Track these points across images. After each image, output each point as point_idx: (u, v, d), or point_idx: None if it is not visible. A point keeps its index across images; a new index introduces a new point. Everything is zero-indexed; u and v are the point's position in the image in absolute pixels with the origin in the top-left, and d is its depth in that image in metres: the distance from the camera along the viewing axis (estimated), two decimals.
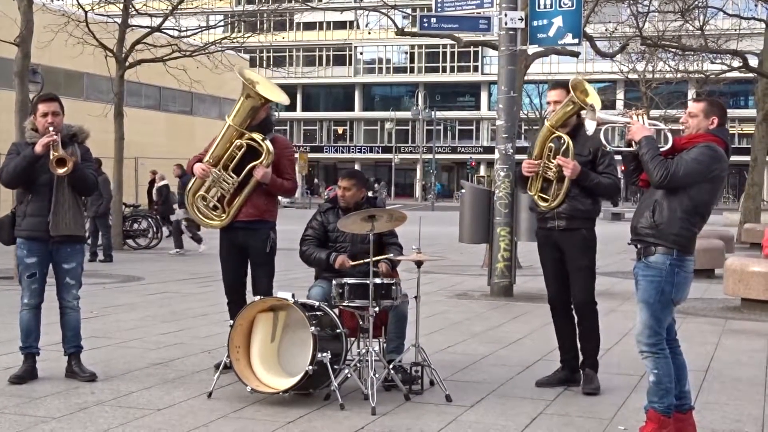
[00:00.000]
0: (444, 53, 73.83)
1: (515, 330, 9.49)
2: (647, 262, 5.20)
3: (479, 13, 13.20)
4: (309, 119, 79.40)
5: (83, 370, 6.71)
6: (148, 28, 21.40)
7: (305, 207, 50.59)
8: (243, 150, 6.78)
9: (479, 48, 52.60)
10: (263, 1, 28.80)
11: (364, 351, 6.39)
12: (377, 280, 6.33)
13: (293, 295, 6.22)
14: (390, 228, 6.80)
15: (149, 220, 21.06)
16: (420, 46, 73.83)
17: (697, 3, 23.91)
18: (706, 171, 5.11)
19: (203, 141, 7.11)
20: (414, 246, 6.58)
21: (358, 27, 67.10)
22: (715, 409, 6.18)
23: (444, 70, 75.28)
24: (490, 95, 70.88)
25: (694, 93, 35.58)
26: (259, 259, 6.98)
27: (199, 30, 23.32)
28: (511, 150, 12.14)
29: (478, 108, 74.55)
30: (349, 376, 6.31)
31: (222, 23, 34.35)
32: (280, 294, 6.29)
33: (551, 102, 6.75)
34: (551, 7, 12.16)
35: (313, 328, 5.99)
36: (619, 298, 12.11)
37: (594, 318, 6.68)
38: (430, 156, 65.26)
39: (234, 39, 24.32)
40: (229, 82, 29.45)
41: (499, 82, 12.46)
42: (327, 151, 78.32)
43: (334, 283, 6.46)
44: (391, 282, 6.42)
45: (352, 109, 78.20)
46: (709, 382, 7.02)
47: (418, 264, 6.60)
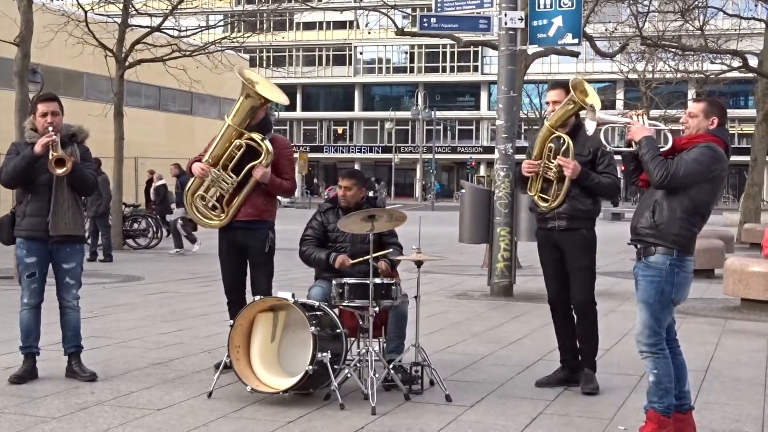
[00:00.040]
0: (444, 53, 73.82)
1: (515, 330, 9.49)
2: (647, 262, 5.20)
3: (479, 13, 13.19)
4: (309, 119, 79.40)
5: (83, 370, 6.71)
6: (147, 27, 21.40)
7: (305, 207, 50.61)
8: (242, 150, 6.78)
9: (479, 48, 52.58)
10: (263, 0, 28.79)
11: (364, 351, 6.39)
12: (377, 280, 6.33)
13: (293, 295, 6.22)
14: (390, 228, 6.80)
15: (149, 219, 21.07)
16: (420, 46, 73.82)
17: (697, 3, 23.91)
18: (706, 171, 5.12)
19: (203, 141, 7.11)
20: (414, 246, 6.58)
21: (357, 27, 67.10)
22: (715, 409, 6.18)
23: (444, 70, 75.27)
24: (490, 95, 70.87)
25: (694, 93, 35.59)
26: (258, 259, 6.98)
27: (199, 30, 23.32)
28: (511, 150, 12.14)
29: (478, 108, 74.54)
30: (349, 376, 6.30)
31: (222, 23, 34.36)
32: (280, 294, 6.29)
33: (550, 102, 6.75)
34: (551, 7, 12.16)
35: (313, 328, 5.99)
36: (618, 298, 12.11)
37: (594, 318, 6.69)
38: (430, 156, 65.27)
39: (234, 39, 24.34)
40: (229, 81, 29.45)
41: (499, 82, 12.46)
42: (327, 151, 78.31)
43: (334, 283, 6.45)
44: (391, 282, 6.41)
45: (352, 109, 78.19)
46: (708, 382, 7.02)
47: (418, 264, 6.60)
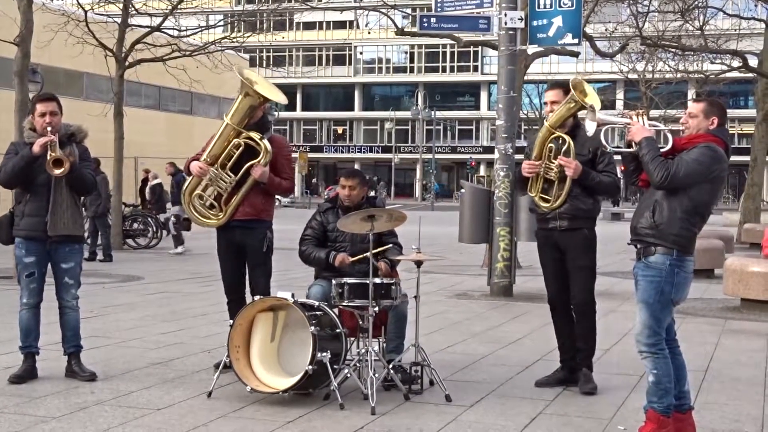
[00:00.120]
0: (444, 53, 73.81)
1: (515, 330, 9.49)
2: (647, 262, 5.20)
3: (479, 12, 13.19)
4: (309, 119, 79.39)
5: (83, 370, 6.71)
6: (147, 27, 21.40)
7: (305, 207, 50.60)
8: (241, 149, 6.78)
9: (479, 48, 52.57)
10: (263, 0, 28.78)
11: (363, 351, 6.39)
12: (377, 280, 6.32)
13: (293, 295, 6.22)
14: (390, 228, 6.80)
15: (149, 219, 21.06)
16: (420, 46, 73.81)
17: (697, 3, 23.92)
18: (706, 171, 5.12)
19: (203, 140, 7.11)
20: (414, 246, 6.58)
21: (357, 27, 67.07)
22: (715, 409, 6.18)
23: (444, 70, 75.26)
24: (490, 95, 70.86)
25: (694, 93, 35.60)
26: (256, 258, 6.98)
27: (199, 30, 23.32)
28: (511, 150, 12.14)
29: (477, 108, 74.54)
30: (348, 375, 6.30)
31: (222, 23, 34.34)
32: (280, 294, 6.28)
33: (549, 102, 6.75)
34: (551, 6, 12.16)
35: (312, 328, 5.99)
36: (618, 298, 12.11)
37: (593, 318, 6.69)
38: (430, 156, 65.28)
39: (234, 39, 24.34)
40: (229, 81, 29.40)
41: (499, 82, 12.46)
42: (327, 151, 78.31)
43: (333, 282, 6.45)
44: (391, 282, 6.41)
45: (352, 109, 78.18)
46: (708, 382, 7.02)
47: (418, 264, 6.60)
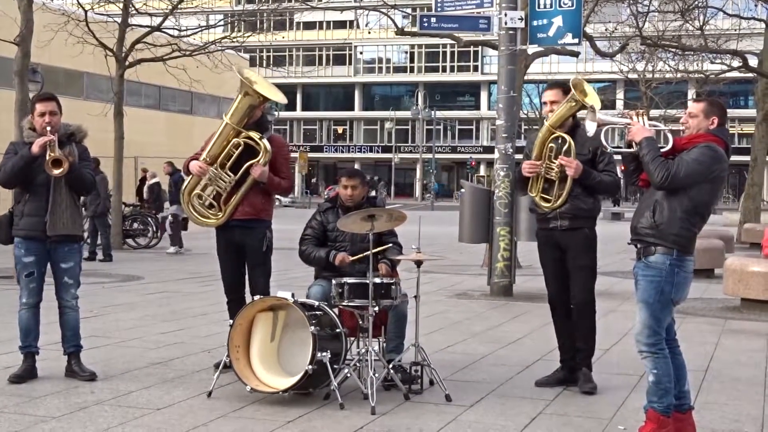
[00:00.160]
0: (444, 53, 73.81)
1: (515, 330, 9.49)
2: (647, 262, 5.20)
3: (479, 12, 13.19)
4: (309, 119, 79.39)
5: (83, 370, 6.71)
6: (147, 27, 21.40)
7: (305, 207, 50.61)
8: (240, 148, 6.78)
9: (479, 48, 52.52)
10: (263, 0, 28.78)
11: (363, 350, 6.39)
12: (377, 280, 6.32)
13: (293, 295, 6.22)
14: (390, 228, 6.80)
15: (149, 219, 21.06)
16: (420, 46, 73.81)
17: (697, 3, 23.92)
18: (706, 171, 5.11)
19: (203, 140, 7.11)
20: (414, 246, 6.58)
21: (358, 26, 67.03)
22: (715, 409, 6.18)
23: (444, 70, 75.26)
24: (490, 95, 70.86)
25: (694, 93, 35.60)
26: (255, 258, 6.98)
27: (199, 29, 23.31)
28: (511, 150, 12.14)
29: (478, 108, 74.54)
30: (348, 375, 6.30)
31: (222, 23, 34.32)
32: (280, 293, 6.28)
33: (548, 102, 6.74)
34: (551, 6, 12.15)
35: (312, 328, 5.99)
36: (618, 298, 12.11)
37: (593, 318, 6.69)
38: (430, 156, 65.28)
39: (234, 38, 24.35)
40: (229, 81, 29.40)
41: (499, 82, 12.45)
42: (327, 151, 78.31)
43: (333, 282, 6.44)
44: (391, 281, 6.41)
45: (352, 109, 78.18)
46: (708, 382, 7.02)
47: (418, 264, 6.60)
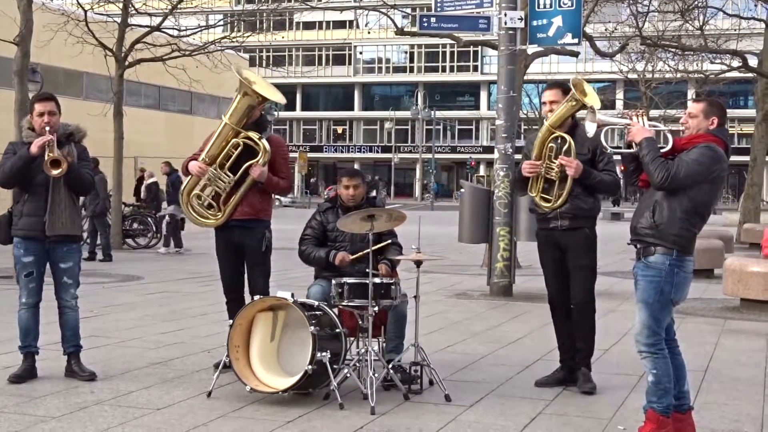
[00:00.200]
0: (444, 53, 73.81)
1: (514, 330, 9.49)
2: (647, 262, 5.20)
3: (479, 12, 13.19)
4: (308, 119, 79.38)
5: (83, 370, 6.71)
6: (147, 27, 21.39)
7: (305, 206, 50.61)
8: (239, 149, 6.79)
9: (479, 48, 52.55)
10: (263, 0, 28.78)
11: (363, 350, 6.39)
12: (377, 280, 6.32)
13: (293, 295, 6.22)
14: (389, 228, 6.80)
15: (148, 219, 21.06)
16: (420, 46, 73.80)
17: (697, 3, 23.92)
18: (706, 172, 5.12)
19: (202, 140, 7.11)
20: (413, 246, 6.58)
21: (357, 26, 67.07)
22: (714, 409, 6.18)
23: (444, 70, 75.26)
24: (490, 95, 70.86)
25: (693, 93, 35.62)
26: (254, 258, 6.98)
27: (199, 29, 23.31)
28: (511, 150, 12.14)
29: (477, 108, 74.55)
30: (348, 375, 6.30)
31: (221, 22, 34.31)
32: (280, 293, 6.28)
33: (547, 102, 6.75)
34: (551, 6, 12.15)
35: (312, 328, 5.99)
36: (618, 298, 12.11)
37: (593, 318, 6.69)
38: (430, 156, 65.27)
39: (233, 38, 24.35)
40: (229, 81, 29.36)
41: (499, 82, 12.45)
42: (326, 151, 78.31)
43: (333, 282, 6.44)
44: (391, 281, 6.41)
45: (352, 109, 78.18)
46: (708, 382, 7.02)
47: (418, 264, 6.59)
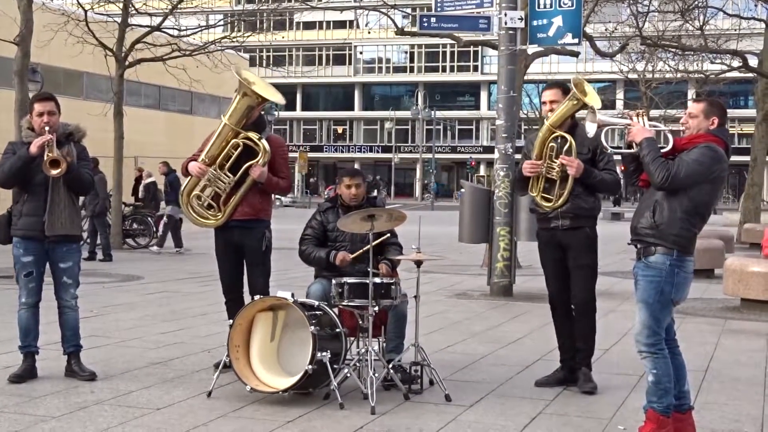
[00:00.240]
0: (444, 53, 73.80)
1: (515, 330, 9.49)
2: (647, 262, 5.20)
3: (479, 12, 13.20)
4: (309, 119, 79.39)
5: (83, 369, 6.71)
6: (147, 27, 21.39)
7: (305, 206, 50.61)
8: (239, 149, 6.79)
9: (479, 48, 52.55)
10: (263, 0, 28.78)
11: (363, 350, 6.39)
12: (377, 280, 6.32)
13: (293, 295, 6.22)
14: (389, 228, 6.80)
15: (148, 219, 21.05)
16: (420, 46, 73.80)
17: (697, 3, 23.92)
18: (707, 172, 5.12)
19: (202, 140, 7.11)
20: (414, 246, 6.58)
21: (357, 26, 67.06)
22: (714, 409, 6.18)
23: (444, 70, 75.25)
24: (490, 95, 70.86)
25: (694, 93, 35.61)
26: (254, 258, 6.98)
27: (199, 29, 23.30)
28: (511, 149, 12.14)
29: (477, 108, 74.54)
30: (348, 375, 6.30)
31: (222, 22, 34.31)
32: (280, 293, 6.28)
33: (547, 102, 6.75)
34: (551, 6, 12.15)
35: (312, 328, 5.99)
36: (618, 298, 12.11)
37: (593, 318, 6.69)
38: (430, 156, 65.27)
39: (234, 38, 24.34)
40: (229, 81, 29.34)
41: (499, 82, 12.45)
42: (327, 151, 78.31)
43: (333, 282, 6.44)
44: (391, 281, 6.41)
45: (352, 109, 78.18)
46: (708, 382, 7.02)
47: (418, 264, 6.59)
